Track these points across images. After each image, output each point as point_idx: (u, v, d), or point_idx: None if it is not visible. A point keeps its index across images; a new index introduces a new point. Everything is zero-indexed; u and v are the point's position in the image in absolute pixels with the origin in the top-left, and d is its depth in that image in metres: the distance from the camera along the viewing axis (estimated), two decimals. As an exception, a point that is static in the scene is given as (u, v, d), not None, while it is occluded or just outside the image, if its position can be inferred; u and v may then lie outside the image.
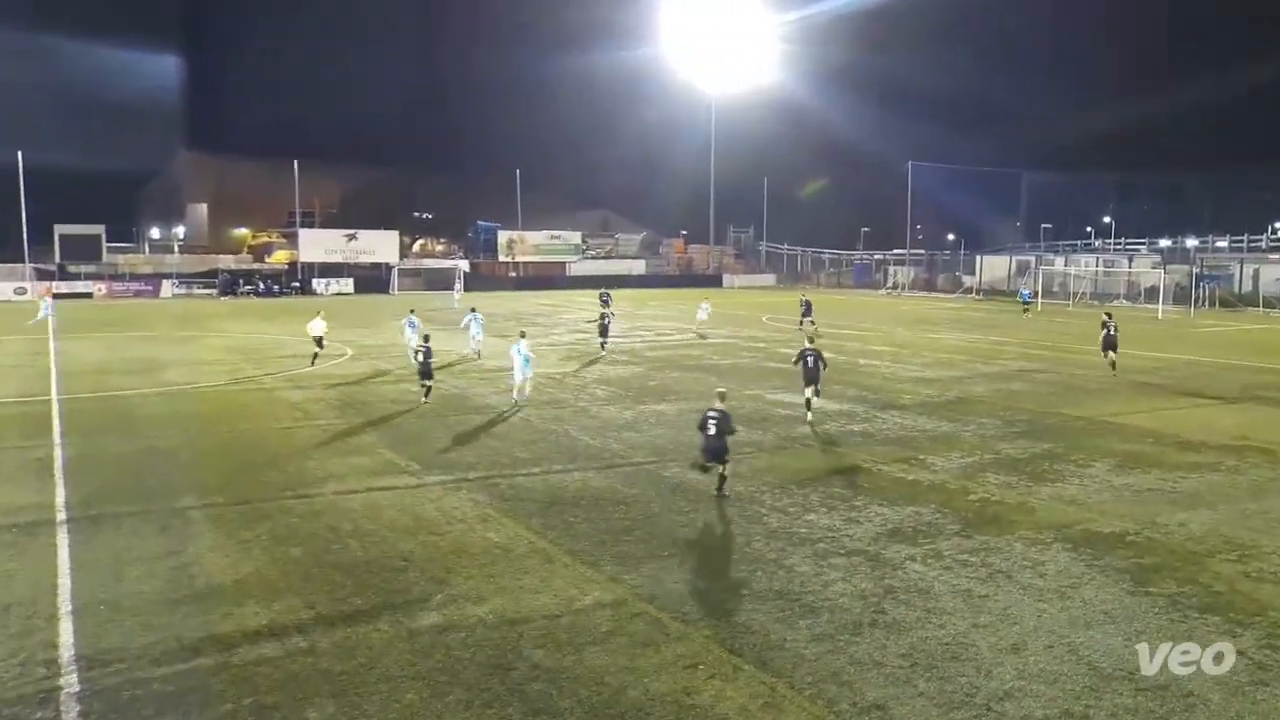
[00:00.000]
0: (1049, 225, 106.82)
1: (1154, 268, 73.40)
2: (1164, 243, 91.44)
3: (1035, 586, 12.16)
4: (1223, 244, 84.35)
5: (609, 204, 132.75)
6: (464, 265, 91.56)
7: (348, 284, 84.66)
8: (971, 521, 14.83)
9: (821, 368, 22.62)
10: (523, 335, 26.97)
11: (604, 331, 37.72)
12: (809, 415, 22.78)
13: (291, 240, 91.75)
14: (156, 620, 11.17)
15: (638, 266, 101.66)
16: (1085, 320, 50.29)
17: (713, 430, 15.97)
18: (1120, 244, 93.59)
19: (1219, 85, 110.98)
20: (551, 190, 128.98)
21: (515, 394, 25.10)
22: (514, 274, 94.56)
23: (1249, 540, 14.00)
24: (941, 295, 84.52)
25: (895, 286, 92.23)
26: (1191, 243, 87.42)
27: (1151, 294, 67.09)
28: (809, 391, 22.07)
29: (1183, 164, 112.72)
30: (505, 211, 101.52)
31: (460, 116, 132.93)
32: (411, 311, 36.66)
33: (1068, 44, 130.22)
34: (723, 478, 16.28)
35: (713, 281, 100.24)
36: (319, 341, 33.01)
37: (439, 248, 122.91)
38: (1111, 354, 31.29)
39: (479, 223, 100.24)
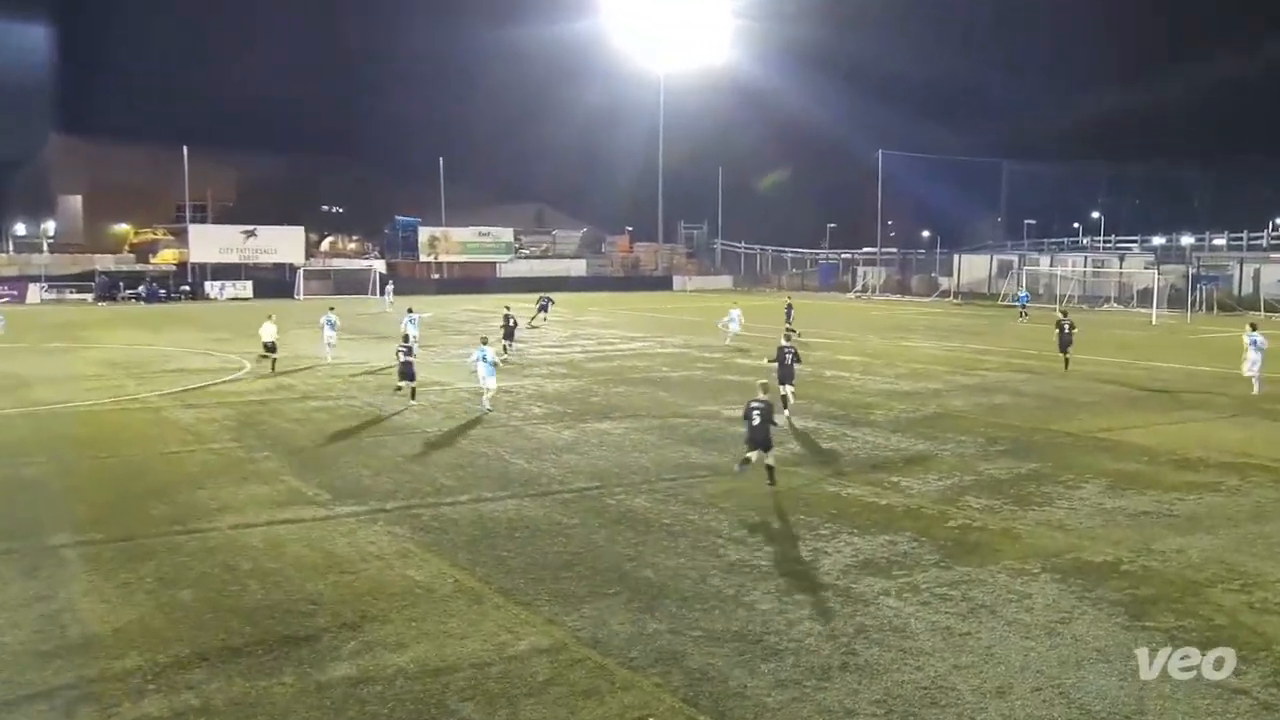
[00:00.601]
0: (1033, 221, 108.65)
1: (1147, 268, 74.96)
2: (1158, 240, 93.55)
3: (1021, 622, 12.33)
4: (1221, 242, 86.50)
5: (545, 197, 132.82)
6: (379, 266, 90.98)
7: (246, 288, 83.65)
8: (951, 551, 15.00)
9: (796, 366, 24.16)
10: (484, 341, 28.17)
11: (509, 335, 39.36)
12: (786, 413, 24.86)
13: (180, 238, 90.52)
14: (21, 676, 10.90)
15: (577, 267, 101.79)
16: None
17: (757, 420, 18.45)
18: (1110, 242, 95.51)
19: (1218, 68, 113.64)
20: (480, 182, 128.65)
21: (486, 401, 26.85)
22: (437, 275, 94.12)
23: (1253, 568, 14.31)
24: (916, 299, 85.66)
25: (865, 289, 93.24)
26: (1187, 240, 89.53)
27: (1144, 297, 68.44)
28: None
29: (1178, 154, 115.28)
30: (427, 205, 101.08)
31: (376, 98, 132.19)
32: (331, 309, 37.47)
33: (1054, 23, 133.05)
34: (770, 468, 18.63)
35: (662, 284, 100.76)
36: (270, 347, 34.76)
37: (351, 246, 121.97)
38: (1068, 353, 35.57)
39: (397, 218, 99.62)
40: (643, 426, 24.70)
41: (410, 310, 39.72)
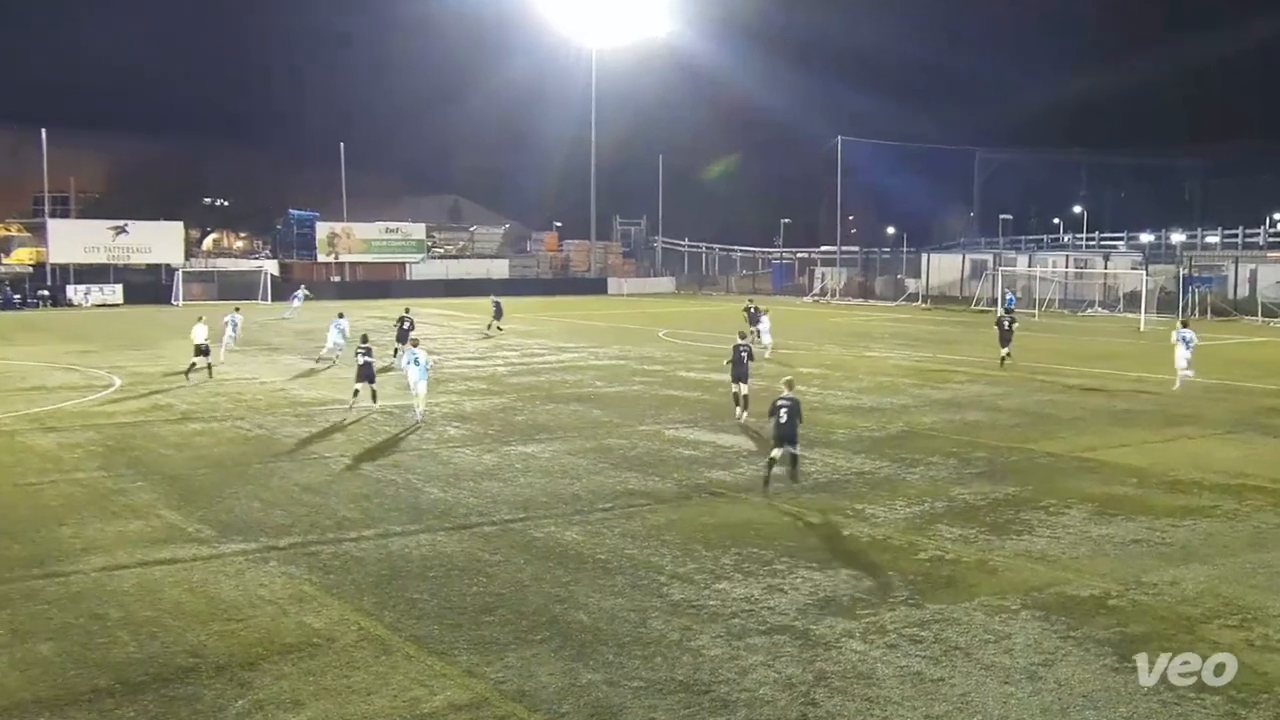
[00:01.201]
0: (1008, 216, 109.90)
1: (1134, 268, 76.25)
2: (1146, 237, 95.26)
3: (1000, 666, 12.45)
4: (1214, 239, 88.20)
5: (462, 189, 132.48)
6: (271, 266, 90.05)
7: (115, 292, 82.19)
8: (921, 586, 15.13)
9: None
10: (416, 343, 29.52)
11: (402, 338, 39.86)
12: (744, 413, 28.18)
13: (38, 234, 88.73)
14: None
15: (499, 268, 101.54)
16: (1056, 334, 52.07)
17: (785, 417, 20.61)
18: (1094, 239, 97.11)
19: (1210, 46, 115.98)
20: (388, 171, 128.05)
21: (418, 411, 28.08)
22: (337, 278, 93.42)
23: (1252, 601, 14.58)
24: (880, 303, 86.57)
25: (823, 292, 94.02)
26: (1178, 237, 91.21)
27: (1132, 300, 69.58)
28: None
29: (1167, 141, 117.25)
30: (326, 198, 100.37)
31: (266, 75, 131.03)
32: (237, 309, 40.69)
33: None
34: (794, 458, 20.93)
35: (595, 287, 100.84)
36: (202, 351, 36.21)
37: (238, 244, 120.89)
38: (1007, 349, 39.93)
39: (291, 212, 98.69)
40: (574, 449, 24.65)
41: (341, 315, 41.94)
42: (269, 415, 29.11)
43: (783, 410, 20.71)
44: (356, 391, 29.83)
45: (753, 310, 51.31)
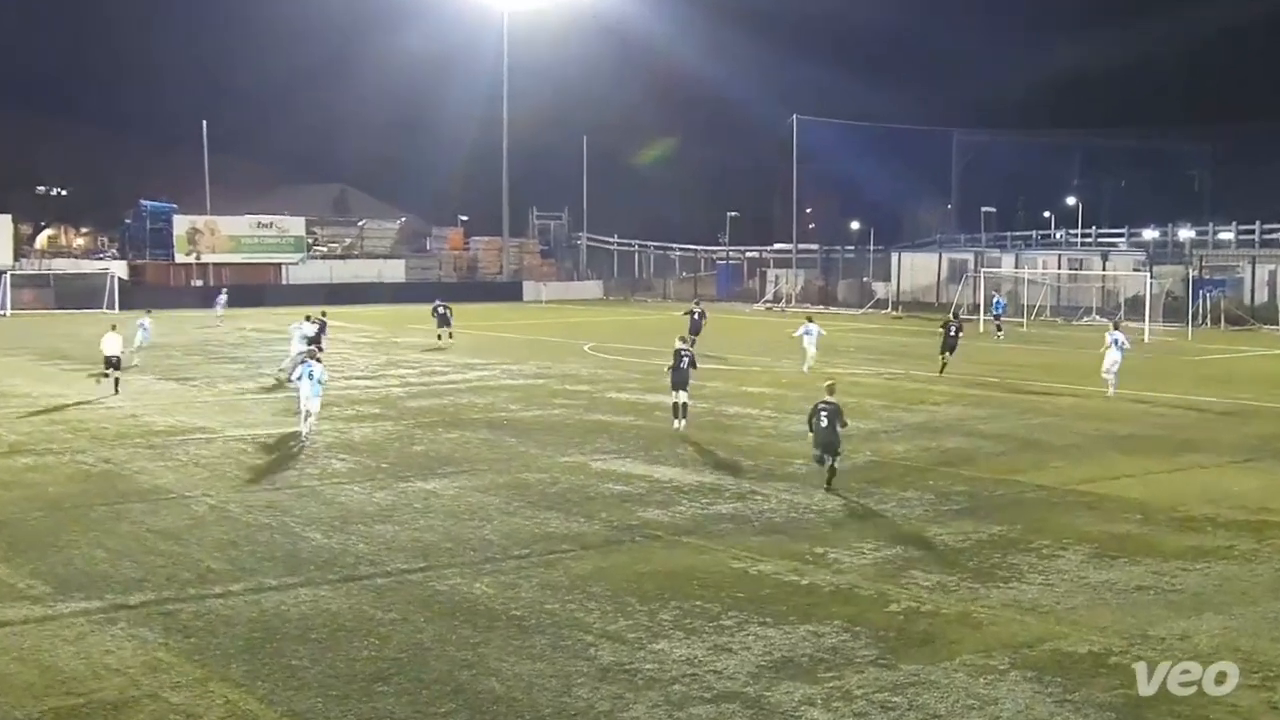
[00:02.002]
0: (992, 209, 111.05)
1: (1137, 270, 77.24)
2: (1150, 234, 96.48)
3: (986, 736, 12.53)
4: (1228, 235, 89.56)
5: (349, 177, 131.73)
6: (117, 269, 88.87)
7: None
8: (893, 644, 15.19)
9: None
10: (313, 355, 30.72)
11: (314, 341, 40.75)
12: (680, 422, 30.47)
13: None
14: None
15: (393, 269, 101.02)
16: (1048, 346, 52.67)
17: (825, 422, 23.72)
18: (1090, 236, 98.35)
19: (1219, 14, 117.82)
20: (260, 156, 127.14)
21: (304, 428, 29.41)
22: (199, 281, 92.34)
23: (1274, 656, 14.78)
24: (843, 310, 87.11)
25: (777, 298, 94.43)
26: (1186, 234, 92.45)
27: (1135, 307, 70.38)
28: (679, 396, 28.64)
29: (1172, 122, 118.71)
30: (187, 187, 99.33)
31: (111, 39, 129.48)
32: (148, 313, 42.07)
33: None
34: (833, 470, 23.75)
35: (508, 292, 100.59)
36: (113, 363, 37.36)
37: (79, 242, 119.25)
38: (948, 355, 43.07)
39: (143, 203, 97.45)
40: (484, 485, 24.54)
41: (308, 318, 44.72)
42: (117, 447, 28.70)
43: (823, 414, 23.91)
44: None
45: (696, 315, 51.79)
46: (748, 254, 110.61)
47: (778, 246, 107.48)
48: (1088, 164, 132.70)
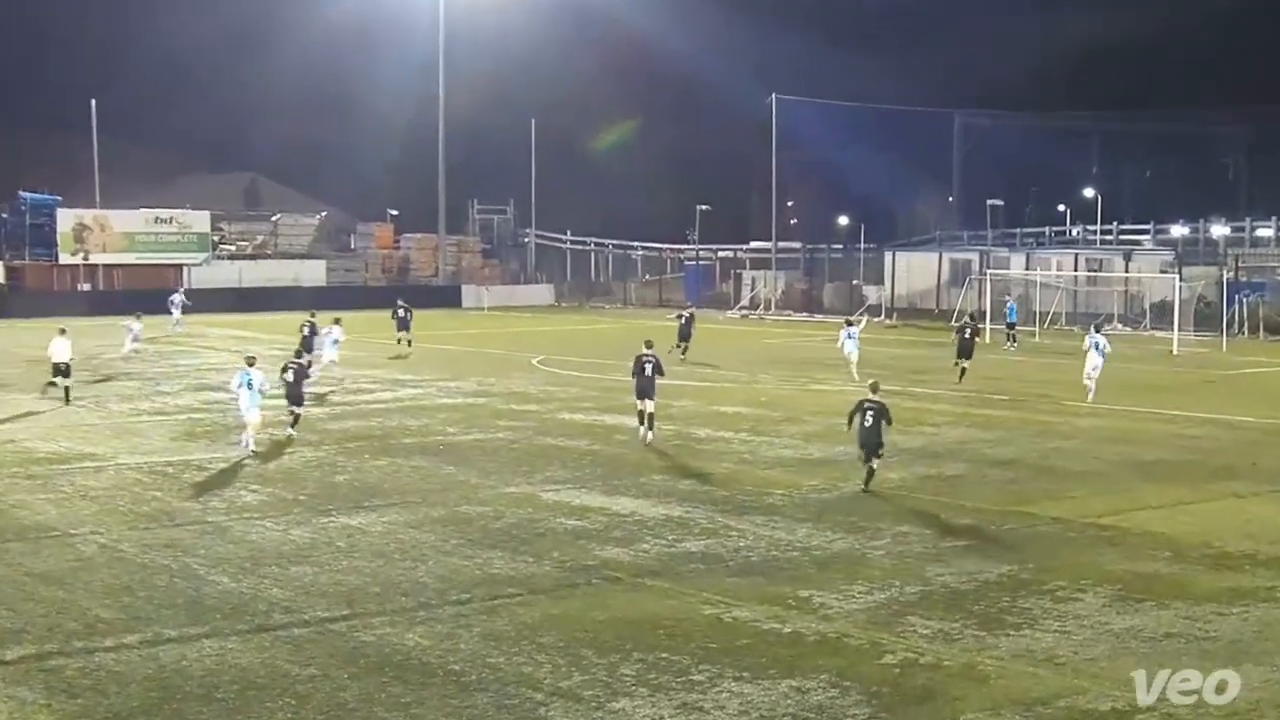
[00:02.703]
0: (999, 202, 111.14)
1: (1164, 271, 77.52)
2: (1178, 230, 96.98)
3: (994, 807, 12.55)
4: (1267, 231, 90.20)
5: (262, 165, 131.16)
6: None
7: None
8: (888, 701, 15.19)
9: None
10: (251, 362, 31.88)
11: (309, 346, 43.48)
12: (646, 432, 32.66)
13: None
14: None
15: (313, 271, 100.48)
16: (1063, 358, 52.82)
17: (869, 420, 26.47)
18: (1112, 232, 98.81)
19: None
20: (158, 141, 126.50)
21: (247, 440, 31.16)
22: (87, 285, 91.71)
23: (1324, 713, 14.87)
24: (830, 318, 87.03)
25: (754, 304, 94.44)
26: (1220, 230, 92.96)
27: (1162, 313, 70.78)
28: (645, 404, 32.42)
29: (1204, 103, 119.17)
30: (73, 177, 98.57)
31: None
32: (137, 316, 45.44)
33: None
34: (871, 472, 26.73)
35: (446, 297, 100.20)
36: (61, 370, 40.00)
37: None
38: (964, 362, 46.07)
39: (22, 195, 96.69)
40: (417, 520, 24.48)
41: (337, 321, 48.18)
42: (-8, 477, 28.50)
43: (869, 413, 26.62)
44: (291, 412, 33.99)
45: (685, 319, 53.69)
46: (720, 253, 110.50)
47: (755, 245, 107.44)
48: (1108, 151, 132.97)
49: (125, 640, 17.30)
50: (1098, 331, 43.28)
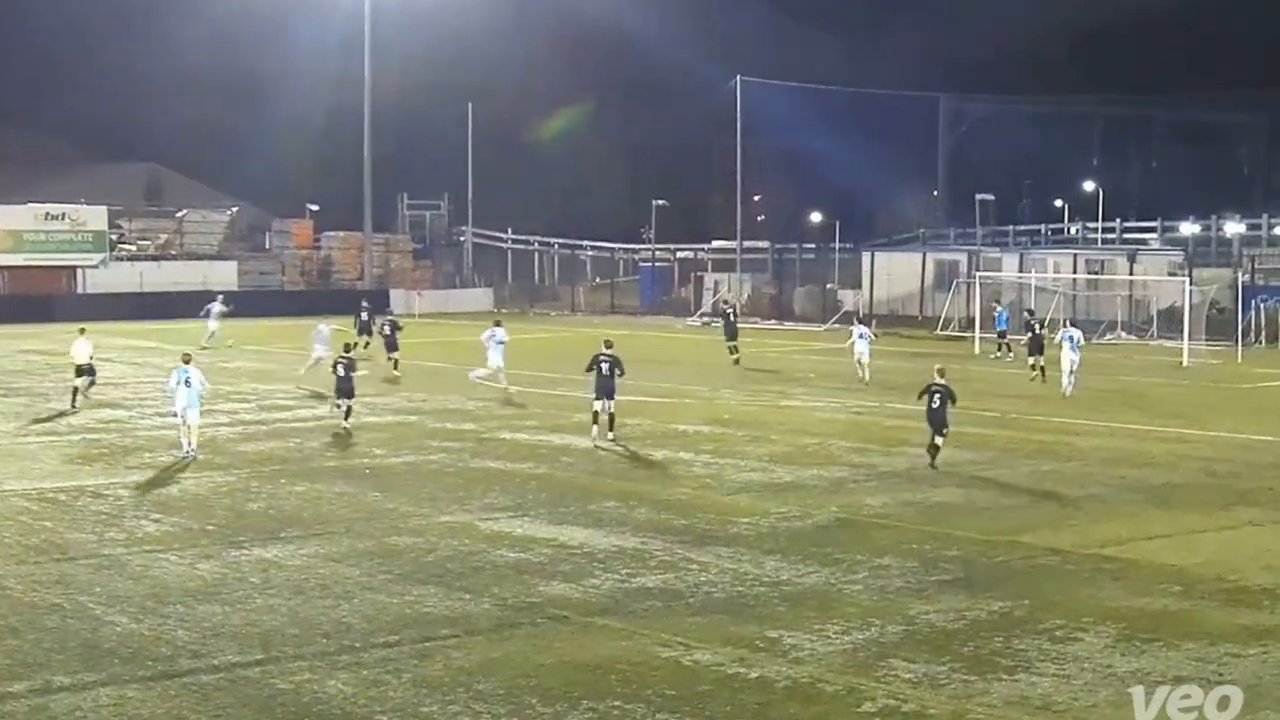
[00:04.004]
0: (989, 196, 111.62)
1: (1173, 273, 77.87)
2: (1188, 228, 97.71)
3: None
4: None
5: (165, 155, 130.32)
6: None
7: None
8: (868, 753, 15.21)
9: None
10: (188, 360, 34.01)
11: (365, 329, 48.92)
12: (610, 434, 35.64)
13: None
14: None
15: (222, 274, 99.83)
16: (1062, 371, 52.95)
17: (937, 402, 32.20)
18: (1115, 230, 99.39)
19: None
20: (47, 127, 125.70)
21: (186, 443, 33.32)
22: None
23: (1351, 765, 14.98)
24: (802, 326, 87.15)
25: (717, 311, 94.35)
26: (1235, 228, 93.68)
27: (1171, 320, 71.21)
28: (604, 404, 35.57)
29: (1214, 88, 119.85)
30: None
31: None
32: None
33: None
34: (936, 448, 32.39)
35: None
36: (86, 370, 44.31)
37: None
38: (1038, 359, 51.55)
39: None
40: (340, 552, 24.43)
41: (497, 323, 49.96)
42: None
43: (936, 395, 32.23)
44: (337, 405, 38.89)
45: (731, 314, 61.22)
46: (679, 254, 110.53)
47: (717, 245, 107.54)
48: (1111, 140, 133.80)
49: (11, 689, 17.19)
50: (1072, 325, 49.64)
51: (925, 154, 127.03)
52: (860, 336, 53.18)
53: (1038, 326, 53.88)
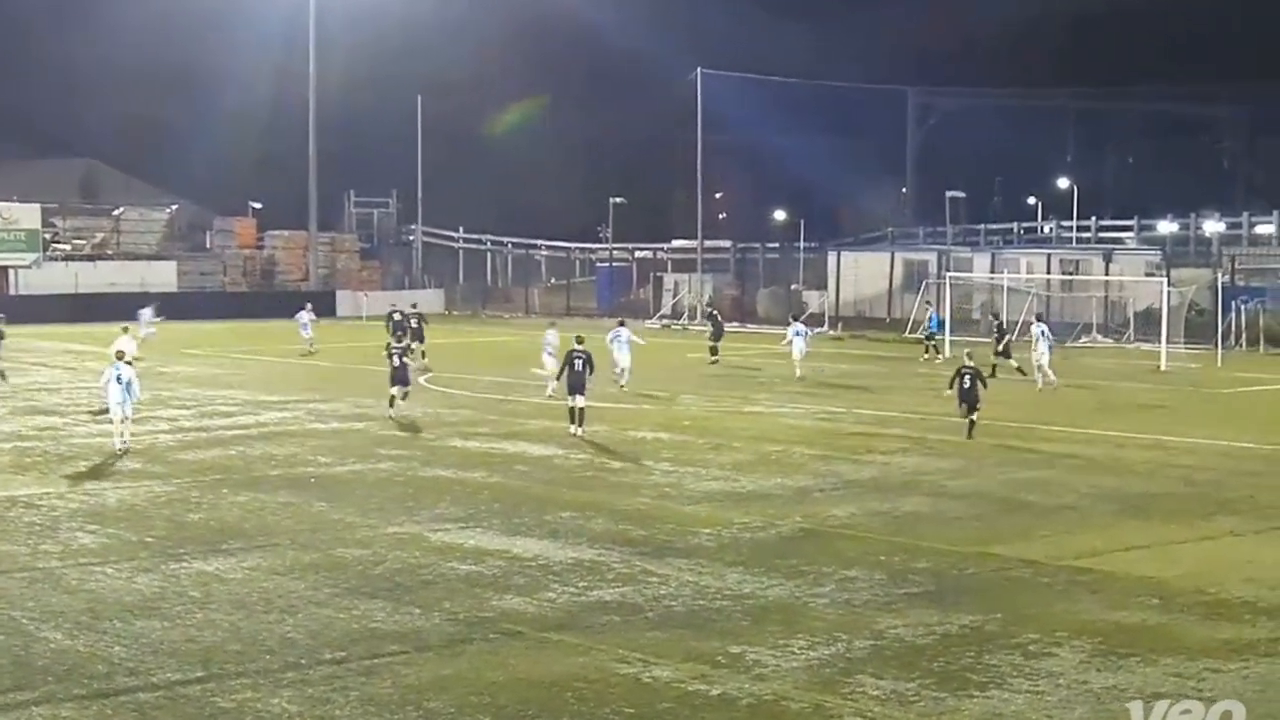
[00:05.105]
0: (960, 194, 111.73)
1: (1150, 274, 78.09)
2: (1166, 227, 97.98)
3: None
4: (1268, 228, 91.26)
5: (101, 150, 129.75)
6: None
7: None
8: (834, 773, 15.23)
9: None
10: (121, 357, 35.34)
11: (401, 331, 49.15)
12: (578, 429, 38.13)
13: None
14: None
15: (161, 274, 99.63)
16: (1034, 375, 53.16)
17: (968, 384, 38.00)
18: (1090, 229, 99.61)
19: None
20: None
21: (118, 439, 34.92)
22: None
23: (1334, 783, 15.06)
24: (765, 328, 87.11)
25: (676, 313, 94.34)
26: (1214, 226, 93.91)
27: (1148, 322, 71.41)
28: (577, 400, 38.39)
29: (1193, 80, 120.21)
30: None
31: None
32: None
33: None
34: (972, 423, 37.94)
35: (319, 305, 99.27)
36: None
37: None
38: (1007, 362, 53.28)
39: None
40: (284, 565, 24.34)
41: (622, 323, 53.52)
42: None
43: (966, 377, 38.17)
44: (392, 398, 42.51)
45: (716, 315, 62.93)
46: (638, 254, 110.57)
47: (677, 244, 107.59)
48: (1086, 135, 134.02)
49: (-62, 710, 17.11)
50: (1040, 320, 54.11)
51: (893, 149, 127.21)
52: (797, 334, 56.09)
53: (1004, 328, 56.65)
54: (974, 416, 38.00)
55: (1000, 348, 55.38)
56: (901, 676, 18.36)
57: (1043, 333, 51.49)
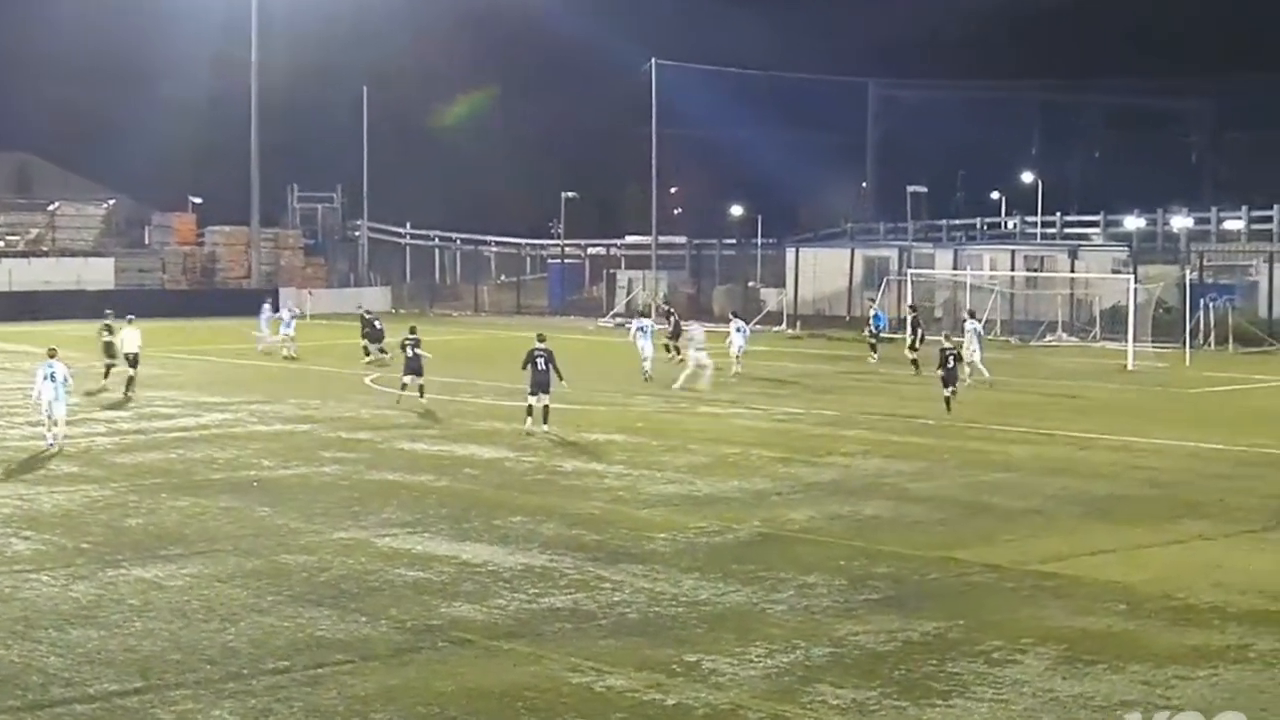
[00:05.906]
0: (922, 189, 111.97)
1: (1116, 271, 78.39)
2: (1133, 222, 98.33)
3: None
4: (1236, 224, 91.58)
5: (35, 143, 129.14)
6: None
7: None
8: (793, 785, 15.25)
9: (554, 375, 38.76)
10: (53, 354, 36.24)
11: (375, 337, 54.18)
12: (546, 427, 39.01)
13: None
14: None
15: (98, 271, 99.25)
16: (1000, 375, 53.25)
17: (951, 363, 44.26)
18: (1055, 225, 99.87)
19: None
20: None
21: (50, 435, 35.96)
22: None
23: (1304, 792, 15.14)
24: (722, 327, 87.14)
25: (630, 311, 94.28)
26: (1182, 222, 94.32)
27: (1115, 320, 71.72)
28: (541, 399, 39.14)
29: (1161, 73, 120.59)
30: None
31: None
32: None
33: None
34: (948, 400, 43.81)
35: (261, 302, 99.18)
36: (130, 361, 47.73)
37: None
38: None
39: None
40: (226, 572, 24.24)
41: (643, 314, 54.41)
42: None
43: (949, 356, 44.18)
44: (404, 384, 45.30)
45: (675, 316, 63.49)
46: (590, 250, 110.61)
47: (631, 240, 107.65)
48: (1050, 128, 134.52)
49: None
50: (972, 317, 56.27)
51: (853, 143, 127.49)
52: (737, 330, 58.89)
53: (919, 322, 59.64)
54: (948, 393, 43.80)
55: (914, 341, 58.79)
56: (862, 685, 18.37)
57: (975, 330, 53.75)
